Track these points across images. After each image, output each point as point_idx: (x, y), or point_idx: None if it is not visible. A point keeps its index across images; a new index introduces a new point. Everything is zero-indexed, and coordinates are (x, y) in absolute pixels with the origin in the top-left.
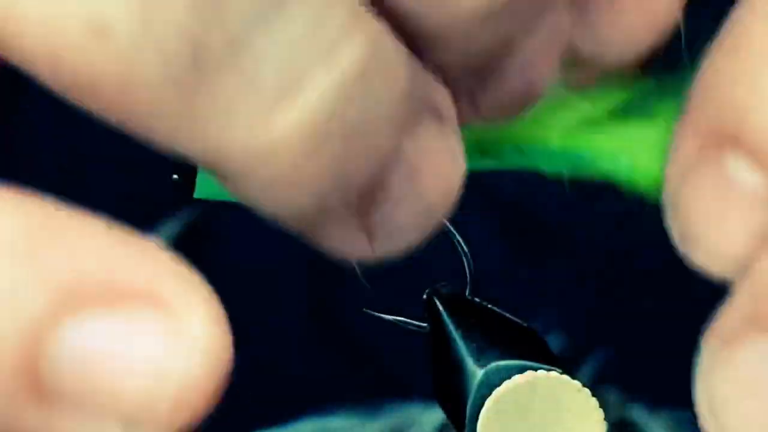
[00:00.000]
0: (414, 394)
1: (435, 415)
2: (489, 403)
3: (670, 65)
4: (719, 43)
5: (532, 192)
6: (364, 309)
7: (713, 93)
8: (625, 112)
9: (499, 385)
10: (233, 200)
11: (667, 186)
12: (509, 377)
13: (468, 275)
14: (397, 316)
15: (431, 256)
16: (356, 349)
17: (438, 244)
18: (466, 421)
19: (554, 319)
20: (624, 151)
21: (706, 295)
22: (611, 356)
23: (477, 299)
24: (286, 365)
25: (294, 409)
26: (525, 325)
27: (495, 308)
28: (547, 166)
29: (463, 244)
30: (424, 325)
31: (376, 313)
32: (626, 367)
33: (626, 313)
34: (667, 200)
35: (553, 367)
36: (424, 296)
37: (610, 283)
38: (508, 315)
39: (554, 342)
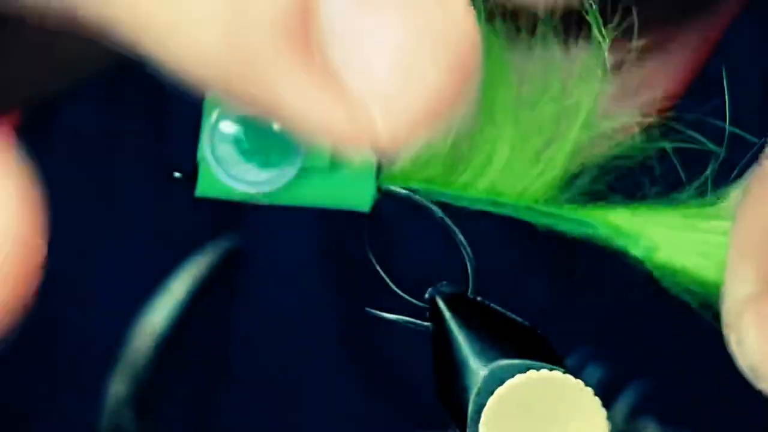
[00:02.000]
0: (450, 427)
1: None
2: (491, 402)
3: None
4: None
5: None
6: (366, 309)
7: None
8: (646, 198)
9: (501, 384)
10: (235, 199)
11: (726, 311)
12: (512, 376)
13: (470, 274)
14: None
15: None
16: (391, 380)
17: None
18: (469, 420)
19: (592, 351)
20: (642, 232)
21: None
22: (649, 388)
23: (479, 298)
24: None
25: None
26: (527, 324)
27: (498, 308)
28: (563, 229)
29: (464, 241)
30: (427, 324)
31: (379, 312)
32: (664, 399)
33: (663, 345)
34: (728, 325)
35: (555, 367)
36: (427, 296)
37: (647, 316)
38: (510, 314)
39: (592, 374)
